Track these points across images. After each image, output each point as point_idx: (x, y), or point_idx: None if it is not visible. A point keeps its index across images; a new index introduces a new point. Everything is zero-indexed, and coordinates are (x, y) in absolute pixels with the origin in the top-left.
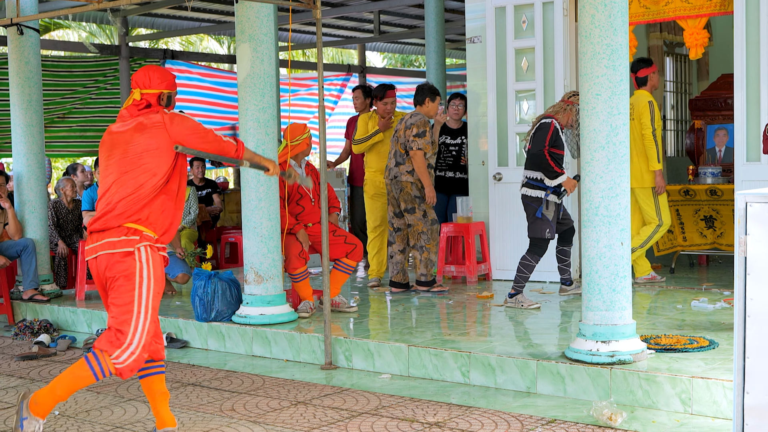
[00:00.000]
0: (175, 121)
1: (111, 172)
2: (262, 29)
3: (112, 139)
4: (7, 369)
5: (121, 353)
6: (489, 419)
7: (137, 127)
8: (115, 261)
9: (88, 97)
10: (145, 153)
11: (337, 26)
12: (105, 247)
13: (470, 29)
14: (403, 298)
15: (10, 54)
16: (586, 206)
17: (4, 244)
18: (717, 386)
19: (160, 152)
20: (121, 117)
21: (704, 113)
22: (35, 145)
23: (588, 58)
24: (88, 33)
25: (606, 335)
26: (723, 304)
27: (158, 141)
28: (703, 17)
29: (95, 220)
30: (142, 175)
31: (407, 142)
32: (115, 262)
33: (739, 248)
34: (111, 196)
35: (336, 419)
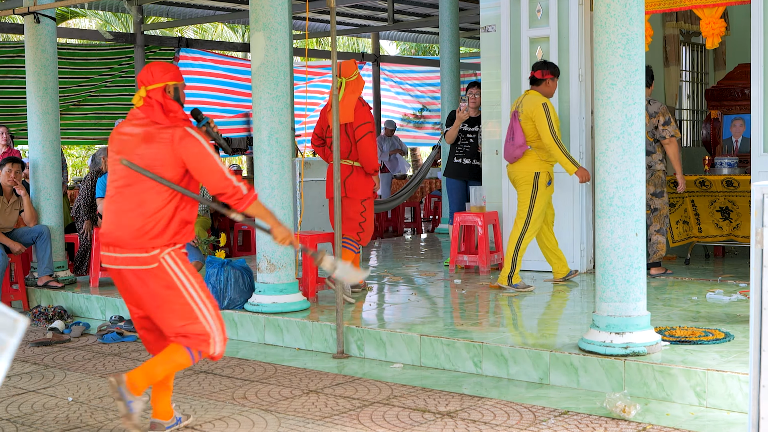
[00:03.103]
0: (185, 143)
1: (118, 177)
2: (276, 18)
3: (121, 140)
4: (21, 355)
5: (214, 346)
6: (501, 410)
7: (146, 136)
8: (145, 276)
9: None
10: (151, 169)
11: (351, 15)
12: (127, 262)
13: (484, 18)
14: (415, 287)
15: (27, 42)
16: (600, 197)
17: (19, 230)
18: (732, 379)
19: (168, 170)
20: (133, 116)
21: (721, 103)
22: (51, 133)
23: (603, 47)
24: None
25: (620, 326)
26: (739, 296)
27: (165, 158)
28: (720, 6)
29: (109, 232)
30: (150, 192)
31: (654, 130)
32: (149, 277)
33: (755, 240)
34: (121, 212)
35: (348, 408)
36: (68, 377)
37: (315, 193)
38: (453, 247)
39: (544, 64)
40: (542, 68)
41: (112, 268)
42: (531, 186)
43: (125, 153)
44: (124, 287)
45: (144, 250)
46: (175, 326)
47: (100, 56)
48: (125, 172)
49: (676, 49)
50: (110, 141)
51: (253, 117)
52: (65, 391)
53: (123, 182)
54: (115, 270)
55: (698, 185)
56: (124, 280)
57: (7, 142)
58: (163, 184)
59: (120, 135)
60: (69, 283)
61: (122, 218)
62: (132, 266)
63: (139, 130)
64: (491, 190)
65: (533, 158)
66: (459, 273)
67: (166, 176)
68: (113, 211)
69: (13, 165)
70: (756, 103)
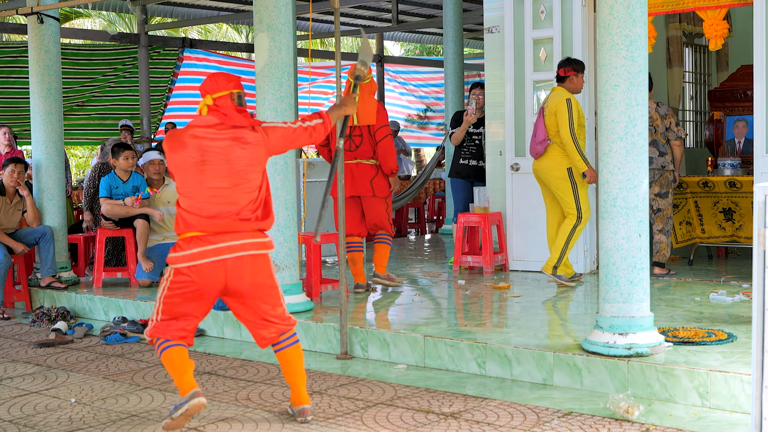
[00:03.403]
0: (269, 135)
1: (212, 178)
2: (281, 19)
3: (201, 144)
4: (24, 356)
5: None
6: (505, 411)
7: (237, 140)
8: (260, 264)
9: (107, 85)
10: (249, 168)
11: (355, 15)
12: (254, 247)
13: (488, 19)
14: (419, 287)
15: (31, 42)
16: (603, 197)
17: (22, 231)
18: (735, 380)
19: (261, 167)
20: (203, 122)
21: (723, 104)
22: (54, 133)
23: (606, 48)
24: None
25: (623, 327)
26: (742, 297)
27: (259, 157)
28: (723, 8)
29: (211, 218)
30: (252, 192)
31: (666, 132)
32: (262, 265)
33: (758, 241)
34: (225, 203)
35: (351, 409)
36: (71, 378)
37: (318, 194)
38: (457, 247)
39: (567, 61)
40: (565, 66)
41: (220, 259)
42: (568, 182)
43: (215, 156)
44: (215, 286)
45: (263, 236)
46: (268, 315)
47: (103, 56)
48: (228, 173)
49: (679, 51)
50: (181, 144)
51: (257, 118)
52: (68, 393)
53: (231, 184)
54: (221, 266)
55: (701, 186)
56: (228, 275)
57: (10, 142)
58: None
59: (197, 139)
60: (72, 284)
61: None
62: (257, 250)
63: (226, 133)
64: (495, 190)
65: (560, 154)
66: (463, 274)
67: (261, 173)
68: (220, 206)
69: (16, 165)
70: (759, 105)
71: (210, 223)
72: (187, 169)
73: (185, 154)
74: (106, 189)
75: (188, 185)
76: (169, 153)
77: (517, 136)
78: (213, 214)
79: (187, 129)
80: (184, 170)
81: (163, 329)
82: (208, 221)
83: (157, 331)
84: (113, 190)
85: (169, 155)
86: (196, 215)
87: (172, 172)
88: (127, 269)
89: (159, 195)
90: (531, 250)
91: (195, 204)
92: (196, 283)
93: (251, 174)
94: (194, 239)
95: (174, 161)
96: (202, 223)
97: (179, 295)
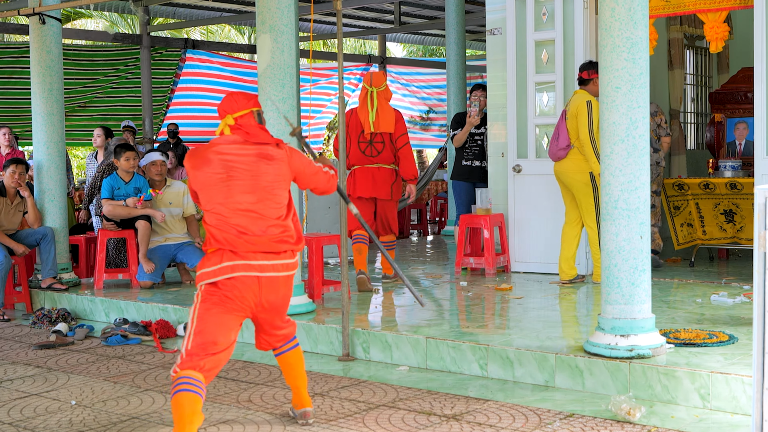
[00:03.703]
0: (294, 156)
1: (239, 193)
2: (283, 20)
3: (226, 160)
4: (24, 358)
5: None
6: (507, 413)
7: (262, 155)
8: (289, 285)
9: (109, 86)
10: (276, 184)
11: (357, 17)
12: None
13: (490, 21)
14: (421, 289)
15: (32, 43)
16: (605, 199)
17: (23, 232)
18: (736, 381)
19: (287, 185)
20: (227, 140)
21: (724, 106)
22: (55, 134)
23: (608, 51)
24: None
25: (625, 329)
26: (743, 299)
27: (285, 174)
28: (724, 11)
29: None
30: (280, 208)
31: (658, 128)
32: (290, 286)
33: (758, 243)
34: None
35: (353, 411)
36: (71, 380)
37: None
38: (459, 249)
39: (589, 64)
40: (588, 68)
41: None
42: (590, 186)
43: (242, 171)
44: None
45: (294, 257)
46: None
47: (105, 57)
48: (255, 189)
49: (680, 53)
50: (204, 160)
51: None
52: (68, 395)
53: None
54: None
55: (702, 188)
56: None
57: (11, 143)
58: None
59: (222, 155)
60: (73, 285)
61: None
62: (290, 271)
63: (251, 149)
64: (497, 192)
65: (582, 158)
66: (465, 275)
67: (287, 190)
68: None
69: (17, 166)
70: (759, 107)
71: (240, 239)
72: (212, 185)
73: (210, 170)
74: (108, 190)
75: (214, 201)
76: (192, 171)
77: (519, 137)
78: (243, 231)
79: (210, 146)
80: (210, 187)
81: (193, 358)
82: (238, 238)
83: (186, 362)
84: (115, 191)
85: (192, 173)
86: (225, 232)
87: (195, 190)
88: (128, 270)
89: (161, 196)
90: (533, 252)
91: (223, 220)
92: (231, 296)
93: (278, 190)
94: (226, 253)
95: (198, 178)
96: (232, 240)
97: (217, 305)
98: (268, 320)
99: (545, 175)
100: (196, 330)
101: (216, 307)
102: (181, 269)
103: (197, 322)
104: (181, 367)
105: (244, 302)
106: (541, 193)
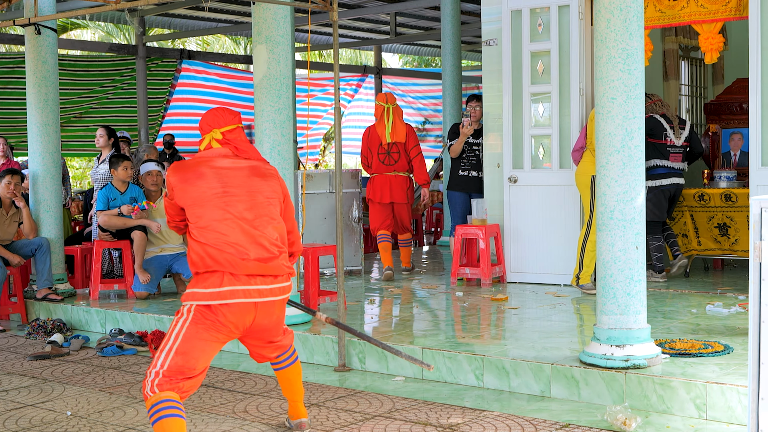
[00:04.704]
0: (282, 180)
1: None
2: (279, 31)
3: (221, 174)
4: (20, 368)
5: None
6: (503, 423)
7: (255, 171)
8: (284, 305)
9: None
10: (271, 201)
11: (353, 27)
12: (283, 292)
13: (486, 32)
14: (417, 299)
15: (28, 53)
16: (601, 209)
17: (18, 243)
18: (732, 392)
19: (279, 203)
20: (217, 154)
21: (719, 117)
22: (51, 145)
23: (603, 62)
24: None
25: (620, 339)
26: (738, 309)
27: (278, 192)
28: (719, 22)
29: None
30: (276, 226)
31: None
32: (283, 307)
33: (753, 254)
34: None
35: (349, 422)
36: (67, 391)
37: (317, 206)
38: (455, 259)
39: None
40: None
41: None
42: (589, 189)
43: (236, 187)
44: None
45: (288, 279)
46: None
47: (101, 68)
48: (252, 204)
49: (675, 64)
50: (199, 176)
51: (255, 129)
52: (64, 405)
53: (252, 214)
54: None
55: (697, 199)
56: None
57: (6, 153)
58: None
59: (215, 169)
60: (68, 296)
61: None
62: (285, 295)
63: (243, 164)
64: (493, 202)
65: (590, 161)
66: (461, 285)
67: (279, 207)
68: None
69: (12, 177)
70: (754, 118)
71: (240, 261)
72: (207, 201)
73: (205, 185)
74: (104, 202)
75: (210, 218)
76: (182, 185)
77: (515, 148)
78: (242, 251)
79: (201, 160)
80: (205, 202)
81: (171, 380)
82: (239, 258)
83: (164, 383)
84: (111, 202)
85: (182, 187)
86: (223, 252)
87: (186, 205)
88: (124, 281)
89: (156, 207)
90: (529, 262)
91: (221, 238)
92: (225, 321)
93: (273, 207)
94: (226, 276)
95: (191, 194)
96: (233, 261)
97: (207, 330)
98: (262, 338)
99: (541, 186)
100: (178, 349)
101: (206, 333)
102: (177, 280)
103: (182, 342)
104: (160, 388)
105: (237, 328)
106: (537, 204)
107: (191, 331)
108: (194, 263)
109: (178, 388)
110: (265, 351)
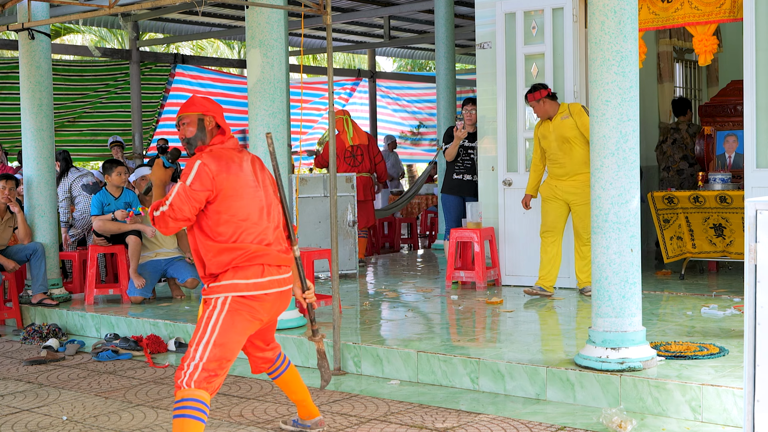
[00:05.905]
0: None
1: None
2: (273, 35)
3: (246, 166)
4: (15, 373)
5: None
6: (498, 426)
7: (259, 162)
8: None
9: (98, 101)
10: (272, 192)
11: (347, 31)
12: (290, 282)
13: (480, 35)
14: (412, 303)
15: (21, 58)
16: (595, 213)
17: (13, 248)
18: (727, 394)
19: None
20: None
21: (714, 119)
22: (45, 149)
23: (598, 64)
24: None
25: (616, 342)
26: (733, 311)
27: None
28: (713, 24)
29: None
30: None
31: None
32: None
33: (749, 256)
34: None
35: (345, 425)
36: (63, 396)
37: (311, 210)
38: (449, 263)
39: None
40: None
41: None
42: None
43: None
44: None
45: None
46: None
47: (95, 72)
48: (266, 194)
49: (669, 66)
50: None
51: (250, 134)
52: (60, 410)
53: (266, 202)
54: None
55: (692, 201)
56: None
57: (0, 158)
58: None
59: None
60: (63, 301)
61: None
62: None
63: (249, 155)
64: (487, 206)
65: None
66: (455, 289)
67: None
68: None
69: (6, 182)
70: (748, 119)
71: (270, 252)
72: (245, 191)
73: (243, 175)
74: (98, 207)
75: (245, 211)
76: (223, 174)
77: (509, 151)
78: (269, 243)
79: (226, 150)
80: (242, 194)
81: (209, 375)
82: (271, 249)
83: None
84: (105, 207)
85: (223, 177)
86: (259, 243)
87: (225, 196)
88: (119, 286)
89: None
90: (523, 265)
91: (260, 231)
92: (261, 311)
93: (274, 199)
94: (261, 266)
95: (231, 183)
96: (269, 252)
97: (244, 321)
98: (266, 336)
99: None
100: (216, 341)
101: (241, 324)
102: (172, 284)
103: (219, 333)
104: (198, 385)
105: (266, 318)
106: (532, 207)
107: (228, 322)
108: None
109: (210, 388)
110: (267, 353)
